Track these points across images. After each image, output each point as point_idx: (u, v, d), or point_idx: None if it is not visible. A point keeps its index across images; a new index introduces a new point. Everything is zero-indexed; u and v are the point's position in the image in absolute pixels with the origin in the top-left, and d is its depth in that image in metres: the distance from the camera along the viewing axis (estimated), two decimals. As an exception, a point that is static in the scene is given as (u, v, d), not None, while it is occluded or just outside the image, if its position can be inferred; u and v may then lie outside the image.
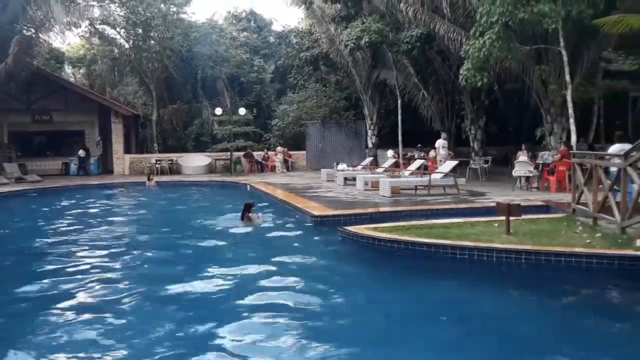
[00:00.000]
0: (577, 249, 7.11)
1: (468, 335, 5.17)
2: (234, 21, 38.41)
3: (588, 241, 7.54)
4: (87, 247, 9.37)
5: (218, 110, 25.11)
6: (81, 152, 25.29)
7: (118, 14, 28.34)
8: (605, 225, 8.32)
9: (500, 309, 5.91)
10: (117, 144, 26.03)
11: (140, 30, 28.38)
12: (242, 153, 26.10)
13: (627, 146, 11.29)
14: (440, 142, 17.26)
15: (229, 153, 25.35)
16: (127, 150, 27.05)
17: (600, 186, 8.56)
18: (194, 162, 26.02)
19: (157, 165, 25.29)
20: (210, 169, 26.06)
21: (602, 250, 7.03)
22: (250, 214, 11.18)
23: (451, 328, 5.35)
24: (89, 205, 15.72)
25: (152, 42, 29.14)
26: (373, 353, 4.82)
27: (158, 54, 28.63)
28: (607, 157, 9.84)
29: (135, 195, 18.39)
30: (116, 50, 30.69)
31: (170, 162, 25.87)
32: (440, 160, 16.95)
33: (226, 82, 31.05)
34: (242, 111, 25.64)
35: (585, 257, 6.89)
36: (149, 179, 20.73)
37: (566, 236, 7.96)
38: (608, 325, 5.44)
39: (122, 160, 26.07)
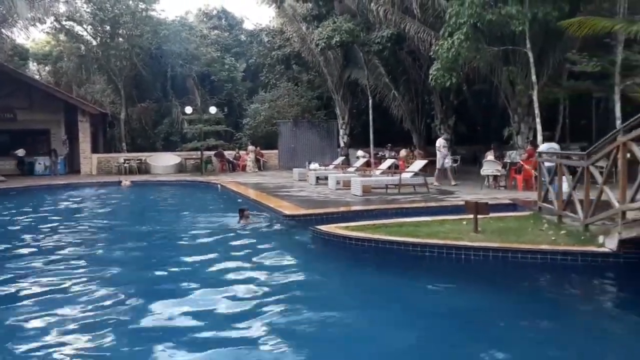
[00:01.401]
0: (543, 246, 7.27)
1: (434, 331, 5.24)
2: (204, 19, 38.03)
3: (553, 238, 7.72)
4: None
5: (188, 109, 24.84)
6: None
7: (85, 11, 27.76)
8: (569, 223, 8.53)
9: (468, 305, 6.00)
10: (85, 143, 25.48)
11: (108, 28, 27.86)
12: (213, 152, 25.86)
13: (554, 145, 12.74)
14: (440, 142, 17.12)
15: (199, 152, 25.09)
16: (95, 150, 26.52)
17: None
18: (164, 162, 25.67)
19: (125, 165, 24.87)
20: (180, 168, 25.76)
21: (567, 247, 7.21)
22: (246, 215, 11.09)
23: (418, 324, 5.41)
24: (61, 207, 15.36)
25: (120, 39, 28.64)
26: (340, 350, 4.84)
27: (126, 51, 28.15)
28: (573, 156, 10.08)
29: (114, 196, 17.97)
30: (83, 48, 30.05)
31: (139, 161, 25.47)
32: (440, 160, 16.81)
33: (196, 80, 30.72)
34: (212, 110, 25.42)
35: (551, 254, 7.06)
36: (121, 180, 20.40)
37: (532, 233, 8.13)
38: (571, 318, 5.60)
39: (89, 160, 25.54)
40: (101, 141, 28.90)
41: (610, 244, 6.95)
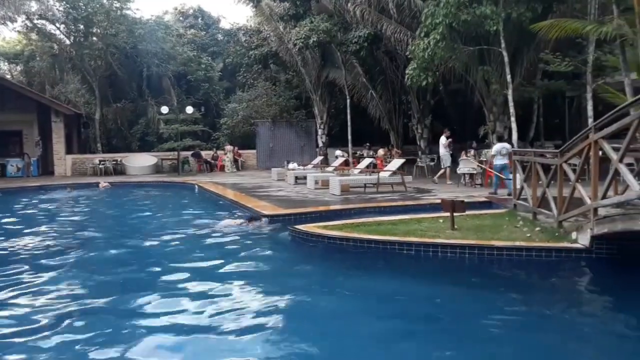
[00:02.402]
0: (518, 243, 7.40)
1: (413, 328, 5.28)
2: (180, 18, 37.68)
3: (528, 235, 7.86)
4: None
5: (164, 109, 24.58)
6: None
7: (57, 9, 27.21)
8: (543, 220, 8.69)
9: (445, 302, 6.06)
10: (58, 144, 25.01)
11: (81, 26, 27.38)
12: (190, 152, 25.64)
13: (507, 145, 13.55)
14: (442, 140, 17.06)
15: (176, 153, 24.85)
16: (69, 151, 26.03)
17: (540, 182, 8.93)
18: (140, 162, 25.36)
19: (100, 166, 24.50)
20: (157, 169, 25.48)
21: (541, 243, 7.36)
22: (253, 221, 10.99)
23: (395, 321, 5.44)
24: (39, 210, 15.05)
25: (94, 38, 28.19)
26: (319, 348, 4.85)
27: (101, 51, 27.74)
28: (547, 155, 10.27)
29: (93, 198, 17.65)
30: (56, 47, 29.49)
31: (114, 162, 25.11)
32: (441, 157, 16.81)
33: (173, 80, 30.42)
34: (189, 110, 25.19)
35: (525, 250, 7.19)
36: (102, 181, 20.12)
37: (508, 230, 8.26)
38: (545, 312, 5.70)
39: (63, 161, 25.08)
40: (76, 142, 28.38)
41: (582, 240, 7.10)
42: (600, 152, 6.97)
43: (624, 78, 9.84)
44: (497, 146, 13.45)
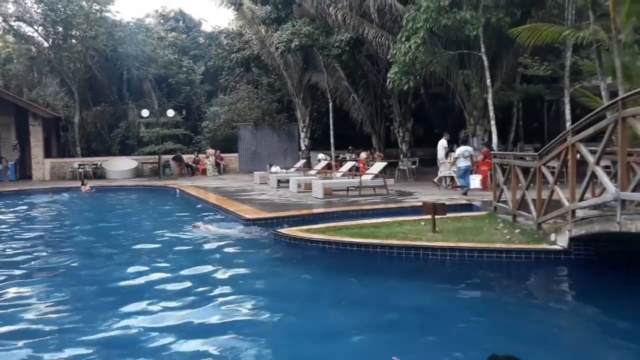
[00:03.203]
0: (498, 245, 7.49)
1: (396, 328, 5.31)
2: (161, 21, 37.40)
3: (508, 237, 7.96)
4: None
5: (145, 112, 24.34)
6: None
7: (35, 11, 26.78)
8: (523, 222, 8.81)
9: (426, 303, 6.11)
10: (37, 148, 24.60)
11: (60, 29, 26.96)
12: (171, 156, 25.43)
13: (469, 148, 14.55)
14: (441, 142, 17.03)
15: (157, 156, 24.63)
16: (48, 155, 25.62)
17: (520, 185, 9.05)
18: (120, 166, 25.06)
19: (80, 170, 24.14)
20: (138, 173, 25.20)
21: (521, 245, 7.46)
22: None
23: (381, 322, 5.46)
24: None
25: (73, 41, 27.77)
26: (300, 348, 4.88)
27: (80, 53, 27.35)
28: (527, 157, 10.42)
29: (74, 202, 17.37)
30: (34, 49, 29.01)
31: (94, 166, 24.76)
32: (439, 160, 16.82)
33: (154, 83, 30.15)
34: (170, 113, 24.99)
35: (505, 252, 7.28)
36: (82, 184, 19.82)
37: (488, 232, 8.36)
38: (524, 312, 5.80)
39: (41, 165, 24.67)
40: (54, 146, 27.95)
41: (561, 241, 7.22)
42: (578, 155, 7.09)
43: (600, 82, 10.03)
44: (460, 149, 14.42)
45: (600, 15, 9.82)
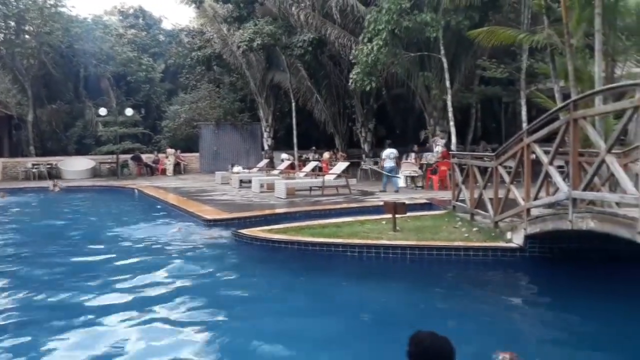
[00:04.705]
0: (456, 243, 7.63)
1: (354, 327, 5.34)
2: (120, 17, 36.55)
3: (466, 235, 8.12)
4: None
5: (103, 111, 23.73)
6: None
7: (-15, 5, 25.73)
8: (481, 220, 9.00)
9: (387, 301, 6.17)
10: (-13, 147, 23.66)
11: (12, 23, 26.01)
12: (129, 156, 24.87)
13: (394, 151, 15.71)
14: (434, 139, 17.12)
15: (114, 156, 24.05)
16: (-1, 154, 24.68)
17: (477, 184, 9.25)
18: (76, 166, 24.33)
19: (34, 170, 23.34)
20: (95, 173, 24.54)
21: (478, 243, 7.62)
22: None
23: (338, 321, 5.49)
24: None
25: (27, 36, 26.83)
26: (251, 348, 4.85)
27: (34, 49, 26.42)
28: (482, 157, 10.65)
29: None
30: (-16, 45, 27.87)
31: (49, 166, 23.95)
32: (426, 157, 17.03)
33: (112, 81, 29.44)
34: (129, 112, 24.44)
35: (463, 250, 7.43)
36: (54, 185, 19.19)
37: (447, 231, 8.50)
38: (480, 307, 5.94)
39: (-8, 165, 23.73)
40: (6, 145, 26.91)
41: (517, 239, 7.41)
42: (533, 155, 7.29)
43: (554, 85, 10.35)
44: (387, 152, 15.79)
45: (553, 20, 10.12)
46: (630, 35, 9.21)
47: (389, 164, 15.40)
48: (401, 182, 15.35)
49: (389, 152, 15.67)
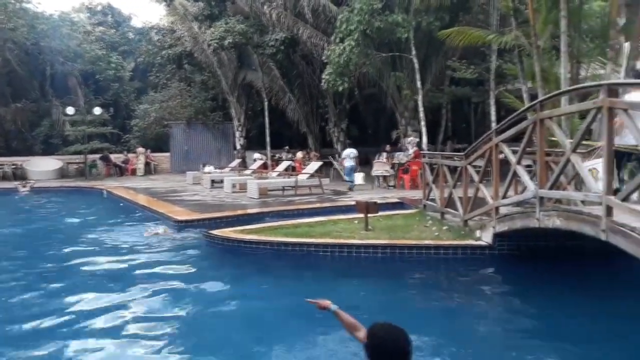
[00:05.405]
0: (427, 241, 7.72)
1: (326, 327, 5.33)
2: (88, 14, 35.78)
3: (436, 234, 8.22)
4: None
5: (70, 110, 23.18)
6: None
7: (-55, 0, 24.84)
8: (451, 219, 9.12)
9: (358, 300, 6.18)
10: (-53, 147, 22.85)
11: (-26, 19, 25.18)
12: (98, 156, 24.38)
13: (354, 150, 16.46)
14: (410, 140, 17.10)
15: (83, 156, 23.54)
16: (-40, 154, 23.87)
17: (447, 183, 9.36)
18: (43, 167, 23.69)
19: (-2, 170, 22.67)
20: (62, 173, 23.94)
21: (448, 241, 7.73)
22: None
23: (308, 321, 5.47)
24: None
25: (-11, 32, 26.02)
26: (234, 350, 4.82)
27: (-3, 46, 25.66)
28: (455, 157, 10.78)
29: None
30: (-56, 41, 26.92)
31: (14, 166, 23.28)
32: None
33: (80, 79, 28.78)
34: (97, 111, 23.92)
35: (434, 248, 7.52)
36: (23, 185, 18.62)
37: (418, 230, 8.58)
38: (448, 305, 6.03)
39: (-47, 165, 22.94)
40: (-32, 144, 26.11)
41: (486, 237, 7.53)
42: (502, 155, 7.42)
43: (522, 85, 10.56)
44: (347, 151, 16.56)
45: (521, 22, 10.32)
46: (594, 37, 9.47)
47: (348, 163, 15.98)
48: (360, 180, 15.90)
49: (349, 152, 16.37)
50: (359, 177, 16.01)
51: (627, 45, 7.84)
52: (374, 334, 2.39)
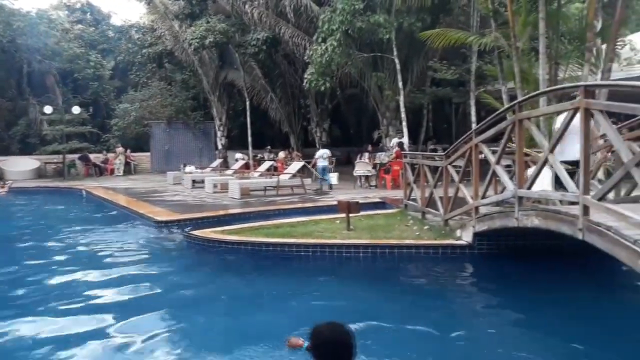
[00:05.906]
0: (408, 241, 7.76)
1: (306, 325, 5.32)
2: (67, 12, 35.22)
3: (417, 233, 8.27)
4: None
5: (48, 109, 22.82)
6: None
7: None
8: (431, 218, 9.17)
9: (340, 299, 6.19)
10: None
11: (-52, 16, 24.65)
12: (77, 155, 24.01)
13: (327, 151, 16.66)
14: (394, 141, 17.12)
15: (61, 156, 23.17)
16: None
17: (428, 183, 9.42)
18: (20, 166, 23.29)
19: (-28, 170, 22.19)
20: (40, 173, 23.58)
21: (429, 241, 7.77)
22: None
23: (290, 321, 5.46)
24: None
25: (-36, 30, 25.46)
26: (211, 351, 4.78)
27: (-28, 43, 25.14)
28: (436, 157, 10.84)
29: None
30: None
31: (-10, 166, 22.85)
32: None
33: (58, 77, 28.33)
34: (76, 110, 23.59)
35: (415, 248, 7.56)
36: (1, 186, 18.25)
37: (399, 229, 8.62)
38: (429, 303, 6.06)
39: None
40: (-58, 144, 25.50)
41: (466, 236, 7.59)
42: (482, 155, 7.48)
43: (501, 86, 10.67)
44: (320, 152, 16.63)
45: (501, 24, 10.43)
46: (572, 39, 9.61)
47: (322, 163, 16.04)
48: (335, 180, 16.03)
49: (322, 153, 16.44)
50: (334, 177, 16.18)
51: (603, 48, 7.99)
52: (319, 332, 2.41)
